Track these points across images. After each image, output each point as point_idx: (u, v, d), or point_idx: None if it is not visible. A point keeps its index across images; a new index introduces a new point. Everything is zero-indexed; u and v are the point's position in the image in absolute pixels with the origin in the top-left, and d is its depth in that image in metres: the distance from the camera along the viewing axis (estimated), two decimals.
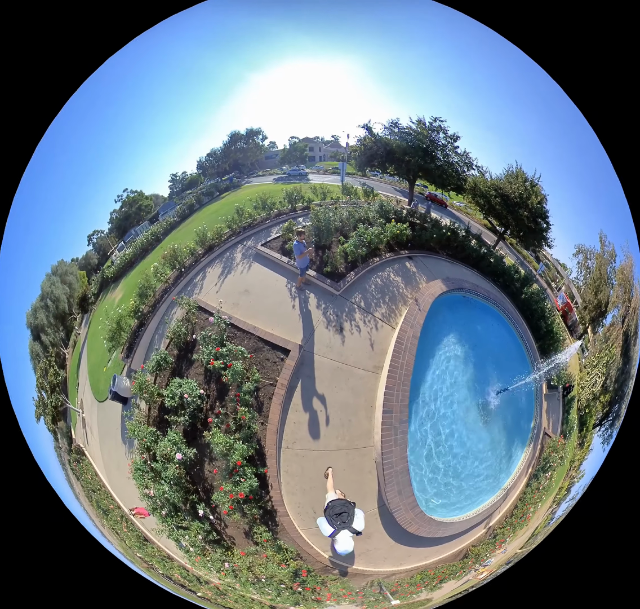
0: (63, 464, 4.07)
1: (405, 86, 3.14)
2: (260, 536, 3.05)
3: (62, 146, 3.72)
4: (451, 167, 3.31)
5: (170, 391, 3.01)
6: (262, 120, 3.26)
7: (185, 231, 3.30)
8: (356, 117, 3.13)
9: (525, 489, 3.91)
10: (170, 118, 3.32)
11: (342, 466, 2.73)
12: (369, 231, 3.07)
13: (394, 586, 3.65)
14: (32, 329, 3.81)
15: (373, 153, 3.29)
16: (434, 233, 3.36)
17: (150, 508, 3.42)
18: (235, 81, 3.14)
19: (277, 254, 2.93)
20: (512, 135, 3.56)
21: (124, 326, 3.32)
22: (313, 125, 3.18)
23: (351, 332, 2.74)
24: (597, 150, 4.11)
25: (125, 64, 3.59)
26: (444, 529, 3.61)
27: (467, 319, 3.77)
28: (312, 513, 2.81)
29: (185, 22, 3.35)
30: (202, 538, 3.28)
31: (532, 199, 3.36)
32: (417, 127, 3.21)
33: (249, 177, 3.41)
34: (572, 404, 4.13)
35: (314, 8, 3.22)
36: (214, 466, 2.97)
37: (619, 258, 4.37)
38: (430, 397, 3.40)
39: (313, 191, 3.33)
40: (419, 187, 3.61)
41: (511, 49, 3.76)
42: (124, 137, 3.45)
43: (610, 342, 4.41)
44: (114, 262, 3.63)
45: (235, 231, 3.16)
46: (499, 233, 3.71)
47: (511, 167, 3.33)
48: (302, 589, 3.33)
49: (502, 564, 4.40)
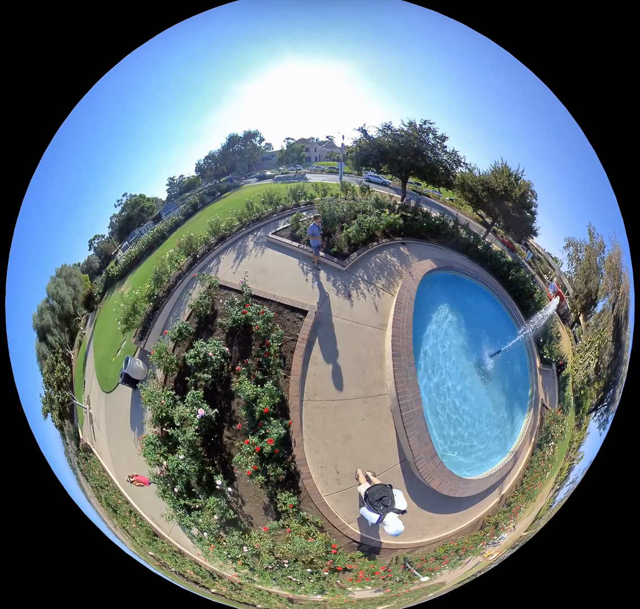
0: (73, 468, 4.14)
1: (397, 87, 3.40)
2: (285, 504, 3.01)
3: (64, 157, 3.90)
4: (441, 164, 3.60)
5: (194, 349, 3.08)
6: (258, 123, 3.47)
7: (192, 226, 3.51)
8: (350, 118, 3.38)
9: (531, 458, 4.09)
10: (167, 124, 3.47)
11: (360, 415, 3.00)
12: (367, 220, 3.41)
13: (419, 561, 3.74)
14: (38, 330, 3.89)
15: (368, 154, 3.58)
16: (424, 222, 3.65)
17: (161, 490, 3.35)
18: (230, 85, 3.36)
19: (288, 240, 3.27)
20: (500, 132, 3.78)
21: (139, 309, 3.43)
22: (308, 126, 3.40)
23: (358, 299, 3.16)
24: (583, 143, 4.36)
25: (124, 75, 3.80)
26: (463, 488, 3.76)
27: (458, 293, 4.11)
28: (335, 473, 2.98)
29: (181, 31, 3.56)
30: (218, 519, 3.22)
31: (516, 191, 3.64)
32: (409, 129, 3.50)
33: (247, 178, 3.62)
34: (567, 382, 4.31)
35: (308, 11, 3.52)
36: (234, 428, 3.03)
37: (607, 248, 4.58)
38: (431, 356, 3.73)
39: (315, 188, 3.63)
40: (411, 185, 3.90)
41: (497, 50, 4.03)
42: (122, 144, 3.60)
43: (602, 326, 4.59)
44: (118, 261, 3.74)
45: (245, 223, 3.43)
46: (488, 224, 3.98)
47: (497, 163, 3.62)
48: (334, 568, 3.29)
49: (509, 546, 4.49)
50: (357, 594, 4.04)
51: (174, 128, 3.44)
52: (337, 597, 3.84)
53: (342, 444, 2.90)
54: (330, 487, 2.94)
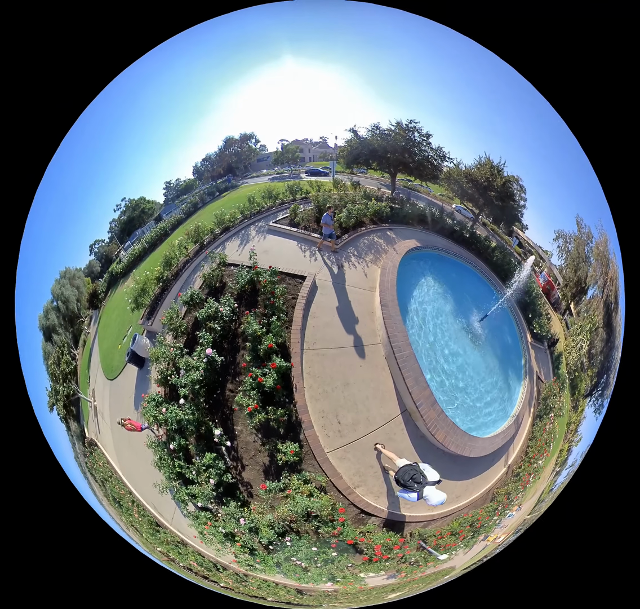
0: (84, 473, 4.25)
1: (386, 88, 3.66)
2: (285, 453, 3.00)
3: (66, 167, 4.11)
4: (427, 160, 3.85)
5: (206, 306, 3.27)
6: (253, 125, 3.66)
7: (196, 221, 3.76)
8: (342, 119, 3.58)
9: (532, 429, 4.28)
10: (163, 128, 3.68)
11: (358, 362, 3.21)
12: (355, 208, 3.85)
13: (434, 537, 3.79)
14: (44, 330, 4.03)
15: (358, 152, 3.84)
16: (410, 210, 3.98)
17: (157, 457, 3.34)
18: (223, 89, 3.58)
19: (288, 226, 3.63)
20: (486, 129, 4.00)
21: (148, 290, 3.63)
22: (302, 128, 3.61)
23: (349, 268, 3.56)
24: (565, 134, 4.57)
25: (124, 84, 3.99)
26: (470, 446, 3.86)
27: (441, 267, 4.36)
28: (337, 423, 3.09)
29: (179, 41, 3.81)
30: (215, 485, 3.14)
31: (497, 181, 3.90)
32: (396, 128, 3.75)
33: (243, 178, 3.81)
34: (561, 361, 4.46)
35: (299, 16, 3.81)
36: (237, 380, 3.12)
37: (595, 238, 4.76)
38: (419, 316, 4.03)
39: (309, 184, 3.92)
40: (403, 181, 4.14)
41: (483, 52, 4.30)
42: (119, 152, 3.81)
43: (592, 311, 4.75)
44: (121, 260, 3.89)
45: (247, 216, 3.72)
46: (475, 214, 4.20)
47: (481, 157, 3.86)
48: (343, 546, 3.28)
49: (514, 528, 4.55)
50: (370, 581, 4.05)
51: (170, 133, 3.67)
52: (350, 585, 3.83)
53: (342, 392, 3.07)
54: (332, 441, 3.04)
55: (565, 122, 4.54)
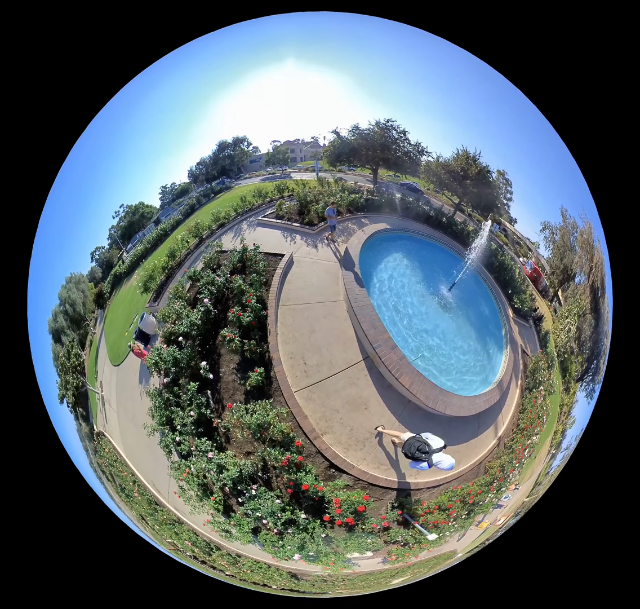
0: (98, 476, 4.46)
1: (373, 87, 3.97)
2: (250, 377, 3.46)
3: (68, 180, 4.40)
4: (406, 155, 4.10)
5: (206, 276, 3.95)
6: (245, 128, 3.93)
7: (196, 219, 4.12)
8: (331, 119, 3.88)
9: (522, 401, 4.41)
10: (158, 135, 3.97)
11: (322, 314, 3.80)
12: (331, 200, 4.31)
13: (421, 510, 3.88)
14: (54, 333, 4.30)
15: (340, 152, 4.13)
16: (384, 199, 4.33)
17: (153, 403, 3.76)
18: (216, 94, 3.91)
19: (274, 219, 4.16)
20: (468, 124, 4.19)
21: (156, 276, 4.07)
22: (292, 129, 3.91)
23: (322, 248, 4.09)
24: (545, 127, 4.77)
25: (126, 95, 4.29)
26: (443, 400, 4.05)
27: (413, 245, 4.57)
28: (303, 364, 3.60)
29: (178, 55, 4.11)
30: (195, 417, 3.55)
31: (472, 170, 4.12)
32: (374, 127, 4.03)
33: (237, 180, 4.12)
34: (549, 339, 4.59)
35: (293, 25, 4.18)
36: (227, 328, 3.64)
37: (579, 227, 4.92)
38: (381, 281, 4.39)
39: (296, 183, 4.27)
40: (390, 177, 4.40)
41: (459, 51, 4.56)
42: (115, 160, 4.10)
43: (579, 295, 4.87)
44: (124, 261, 4.16)
45: (240, 213, 4.18)
46: (456, 204, 4.41)
47: (459, 149, 4.10)
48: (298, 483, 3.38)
49: (514, 510, 4.60)
50: (362, 565, 4.11)
51: (165, 139, 3.97)
52: (332, 565, 3.90)
53: (308, 337, 3.62)
54: (299, 380, 3.45)
55: (540, 111, 4.74)
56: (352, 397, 3.63)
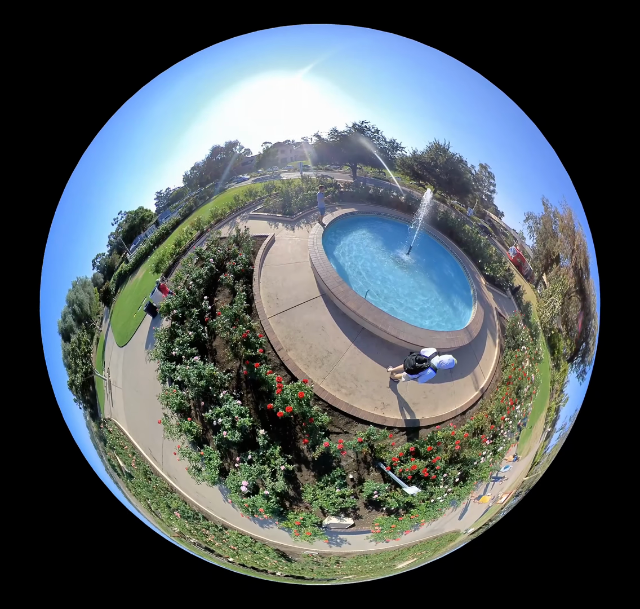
0: (111, 476, 4.68)
1: (358, 91, 4.38)
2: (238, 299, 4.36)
3: (70, 190, 4.73)
4: (381, 151, 4.46)
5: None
6: (238, 133, 4.31)
7: (197, 216, 4.65)
8: (318, 121, 4.30)
9: (502, 358, 4.70)
10: (154, 141, 4.33)
11: (293, 269, 4.86)
12: (308, 193, 4.92)
13: (395, 454, 3.98)
14: (63, 333, 4.61)
15: (321, 153, 4.52)
16: (358, 190, 4.85)
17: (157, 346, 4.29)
18: (208, 100, 4.32)
19: (262, 213, 4.94)
20: (449, 121, 4.51)
21: (165, 259, 4.63)
22: (283, 131, 4.32)
23: (300, 229, 4.98)
24: (521, 117, 5.02)
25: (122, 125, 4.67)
26: (394, 326, 4.57)
27: (380, 225, 5.03)
28: (276, 299, 4.64)
29: (172, 71, 4.57)
30: (192, 338, 4.28)
31: (440, 159, 4.46)
32: (351, 128, 4.43)
33: (230, 182, 4.53)
34: (530, 309, 4.77)
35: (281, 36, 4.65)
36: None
37: (560, 213, 5.13)
38: (343, 246, 5.14)
39: (282, 182, 4.85)
40: (374, 173, 4.75)
41: (441, 56, 4.86)
42: (113, 169, 4.45)
43: (562, 275, 5.03)
44: (129, 261, 4.51)
45: (234, 210, 4.80)
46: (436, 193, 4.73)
47: (430, 143, 4.45)
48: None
49: (515, 489, 4.61)
50: (349, 541, 4.12)
51: (160, 146, 4.35)
52: (299, 524, 3.98)
53: (281, 283, 4.75)
54: (272, 310, 4.58)
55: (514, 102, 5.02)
56: (312, 321, 4.55)
